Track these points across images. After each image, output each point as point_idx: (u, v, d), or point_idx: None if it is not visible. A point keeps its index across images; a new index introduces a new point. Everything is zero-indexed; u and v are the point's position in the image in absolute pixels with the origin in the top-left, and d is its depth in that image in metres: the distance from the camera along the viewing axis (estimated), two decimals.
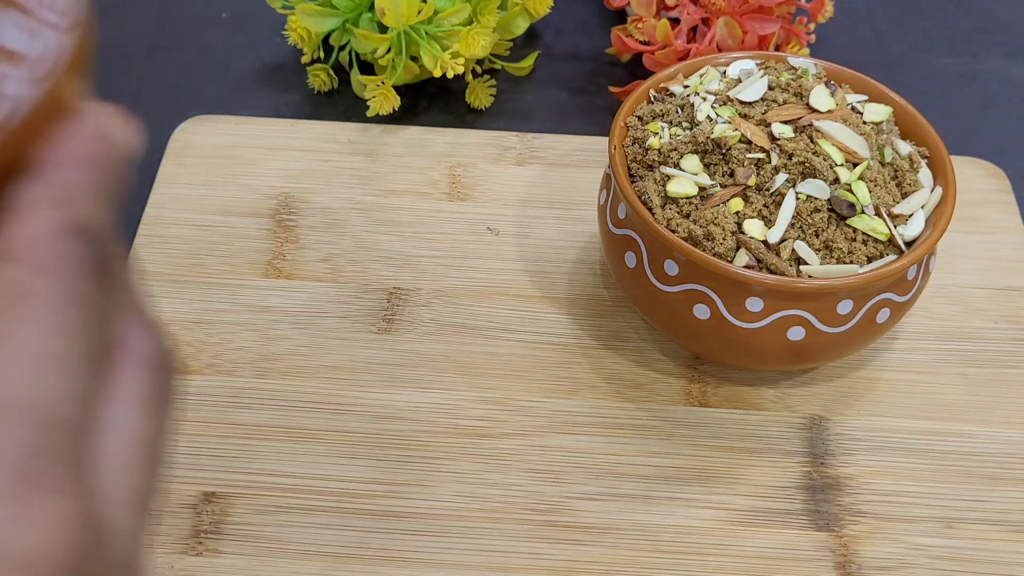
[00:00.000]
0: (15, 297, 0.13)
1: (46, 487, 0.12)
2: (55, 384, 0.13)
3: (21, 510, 0.12)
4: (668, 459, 0.35)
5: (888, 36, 0.52)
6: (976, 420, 0.36)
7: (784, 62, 0.37)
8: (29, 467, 0.12)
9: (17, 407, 0.12)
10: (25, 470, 0.12)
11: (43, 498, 0.12)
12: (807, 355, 0.34)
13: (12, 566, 0.11)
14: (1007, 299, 0.39)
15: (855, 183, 0.32)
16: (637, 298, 0.35)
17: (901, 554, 0.32)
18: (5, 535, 0.12)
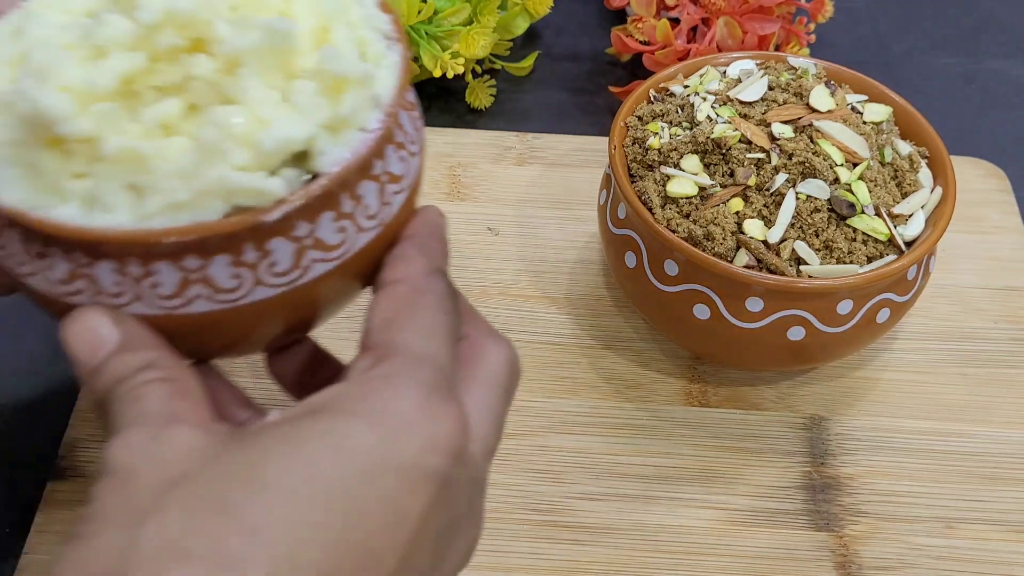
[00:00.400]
0: (414, 300, 0.22)
1: (446, 403, 0.21)
2: (438, 345, 0.22)
3: (438, 415, 0.20)
4: (668, 459, 0.35)
5: (888, 36, 0.52)
6: (976, 420, 0.36)
7: (784, 62, 0.37)
8: (434, 391, 0.20)
9: (426, 357, 0.21)
10: (432, 392, 0.20)
11: (445, 410, 0.20)
12: (807, 355, 0.34)
13: (432, 441, 0.20)
14: (1007, 299, 0.39)
15: (855, 183, 0.32)
16: (637, 298, 0.35)
17: (901, 554, 0.32)
18: (427, 425, 0.20)
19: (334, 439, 0.19)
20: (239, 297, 0.22)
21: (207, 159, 0.21)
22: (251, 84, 0.22)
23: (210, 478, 0.19)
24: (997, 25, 0.52)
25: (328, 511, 0.18)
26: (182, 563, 0.17)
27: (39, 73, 0.21)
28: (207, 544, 0.18)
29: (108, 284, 0.22)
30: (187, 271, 0.22)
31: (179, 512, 0.18)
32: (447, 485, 0.20)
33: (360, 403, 0.20)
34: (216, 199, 0.21)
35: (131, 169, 0.22)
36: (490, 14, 0.44)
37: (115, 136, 0.21)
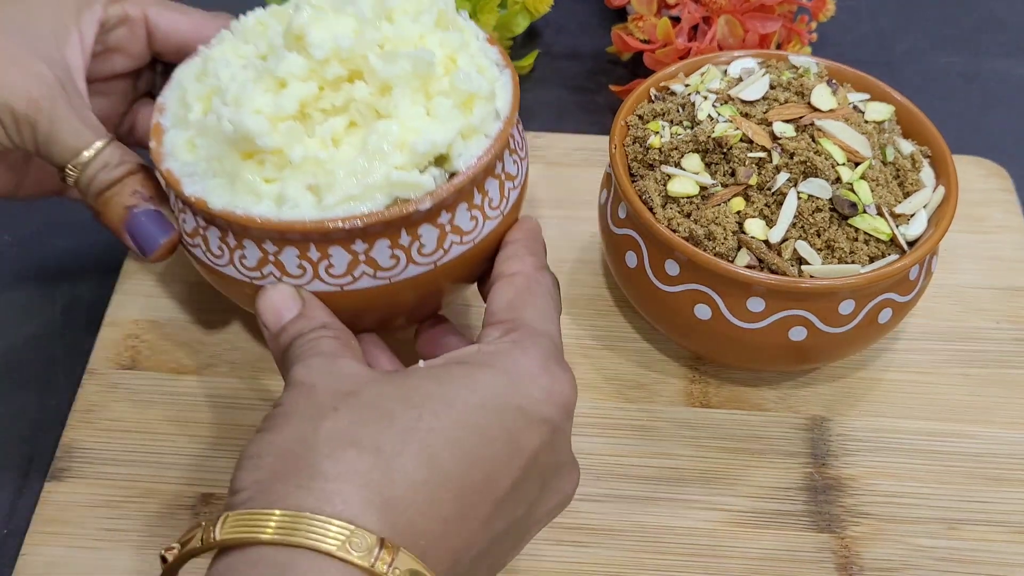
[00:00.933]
0: (529, 288, 0.28)
1: (561, 367, 0.26)
2: (551, 325, 0.27)
3: (556, 374, 0.26)
4: (670, 460, 0.34)
5: (890, 35, 0.52)
6: (978, 421, 0.36)
7: (785, 61, 0.36)
8: (551, 357, 0.26)
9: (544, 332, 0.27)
10: (550, 357, 0.26)
11: (561, 372, 0.26)
12: (809, 355, 0.33)
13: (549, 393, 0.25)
14: (1010, 299, 0.39)
15: (857, 182, 0.32)
16: (638, 298, 0.35)
17: (903, 555, 0.32)
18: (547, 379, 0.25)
19: (473, 381, 0.24)
20: (395, 274, 0.29)
21: (373, 161, 0.27)
22: (402, 102, 0.28)
23: (373, 394, 0.24)
24: (998, 24, 0.52)
25: (464, 431, 0.23)
26: (350, 448, 0.23)
27: (235, 101, 0.28)
28: (370, 437, 0.23)
29: (292, 267, 0.28)
30: (355, 253, 0.28)
31: (349, 414, 0.23)
32: (556, 431, 0.25)
33: (494, 358, 0.25)
34: (380, 193, 0.27)
35: (312, 173, 0.27)
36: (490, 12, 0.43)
37: (298, 147, 0.27)
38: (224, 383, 0.36)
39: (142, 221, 0.30)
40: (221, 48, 0.31)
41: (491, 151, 0.29)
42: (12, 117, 0.29)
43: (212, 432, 0.34)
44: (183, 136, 0.29)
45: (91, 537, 0.32)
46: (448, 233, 0.29)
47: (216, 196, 0.28)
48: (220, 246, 0.29)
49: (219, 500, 0.33)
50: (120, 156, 0.30)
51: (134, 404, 0.35)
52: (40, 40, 0.30)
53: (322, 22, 0.28)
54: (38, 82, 0.29)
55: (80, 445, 0.34)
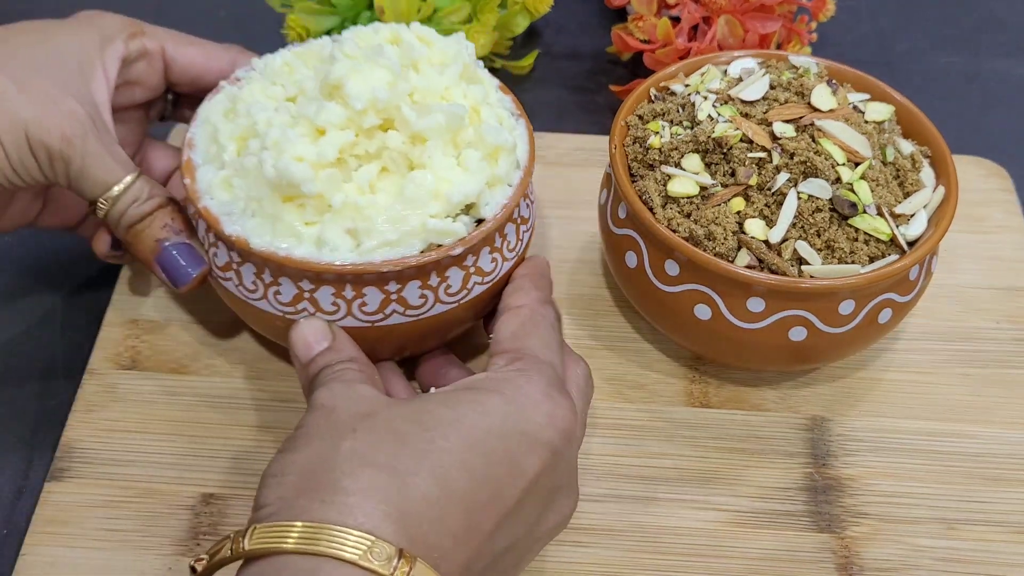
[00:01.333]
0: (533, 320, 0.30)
1: (563, 394, 0.28)
2: (553, 355, 0.29)
3: (557, 401, 0.27)
4: (669, 460, 0.34)
5: (890, 35, 0.51)
6: (978, 421, 0.36)
7: (785, 61, 0.36)
8: (553, 385, 0.28)
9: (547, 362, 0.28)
10: (552, 385, 0.27)
11: (562, 399, 0.27)
12: (809, 355, 0.33)
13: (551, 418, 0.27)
14: (1010, 299, 0.39)
15: (857, 183, 0.32)
16: (638, 298, 0.35)
17: (903, 555, 0.32)
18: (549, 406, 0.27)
19: (481, 406, 0.26)
20: (423, 312, 0.31)
21: (411, 209, 0.29)
22: (435, 153, 0.30)
23: (389, 417, 0.26)
24: (998, 24, 0.52)
25: (472, 453, 0.25)
26: (367, 467, 0.24)
27: (276, 147, 0.29)
28: (386, 458, 0.24)
29: (326, 304, 0.30)
30: (388, 293, 0.30)
31: (367, 435, 0.25)
32: (557, 455, 0.27)
33: (500, 385, 0.27)
34: (417, 239, 0.30)
35: (350, 217, 0.29)
36: (490, 12, 0.43)
37: (338, 193, 0.29)
38: (224, 383, 0.36)
39: (173, 255, 0.31)
40: (250, 88, 0.32)
41: (514, 199, 0.31)
42: (47, 154, 0.30)
43: (212, 432, 0.34)
44: (218, 175, 0.31)
45: (91, 537, 0.32)
46: (472, 275, 0.31)
47: (257, 236, 0.29)
48: (255, 281, 0.30)
49: (219, 500, 0.33)
50: (149, 190, 0.31)
51: (134, 404, 0.35)
52: (69, 76, 0.31)
53: (359, 74, 0.30)
54: (71, 119, 0.30)
55: (80, 445, 0.34)
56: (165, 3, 0.52)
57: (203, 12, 0.52)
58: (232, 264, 0.31)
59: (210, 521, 0.32)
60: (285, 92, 0.32)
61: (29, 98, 0.30)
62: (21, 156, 0.30)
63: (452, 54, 0.32)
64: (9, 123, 0.29)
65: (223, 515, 0.32)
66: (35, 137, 0.30)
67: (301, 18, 0.43)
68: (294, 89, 0.32)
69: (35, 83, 0.30)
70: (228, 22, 0.51)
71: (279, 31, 0.46)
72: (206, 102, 0.33)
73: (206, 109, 0.33)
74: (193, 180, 0.31)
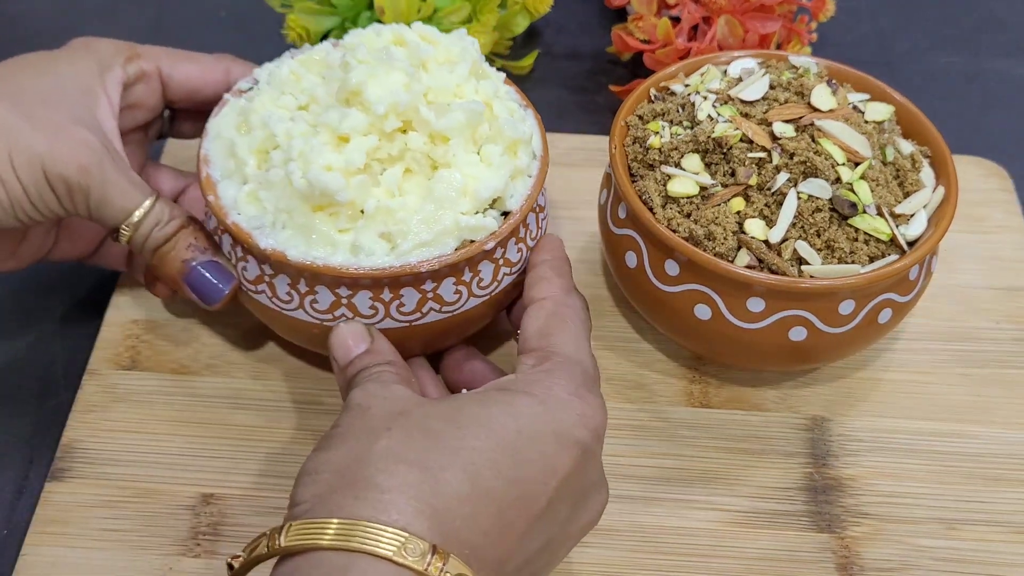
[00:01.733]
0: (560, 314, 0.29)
1: (593, 393, 0.28)
2: (582, 351, 0.29)
3: (588, 400, 0.27)
4: (670, 460, 0.34)
5: (890, 35, 0.51)
6: (978, 421, 0.36)
7: (785, 61, 0.36)
8: (583, 384, 0.28)
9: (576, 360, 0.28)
10: (582, 385, 0.28)
11: (592, 398, 0.28)
12: (809, 355, 0.33)
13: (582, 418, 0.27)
14: (1009, 299, 0.39)
15: (857, 182, 0.32)
16: (638, 298, 0.35)
17: (903, 555, 0.32)
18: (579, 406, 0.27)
19: (511, 407, 0.26)
20: (457, 308, 0.31)
21: (443, 208, 0.30)
22: (459, 151, 0.30)
23: (422, 415, 0.26)
24: (998, 24, 0.52)
25: (504, 453, 0.25)
26: (400, 464, 0.25)
27: (302, 157, 0.29)
28: (418, 455, 0.25)
29: (364, 308, 0.30)
30: (424, 292, 0.30)
31: (400, 433, 0.25)
32: (588, 454, 0.27)
33: (531, 386, 0.27)
34: (451, 237, 0.30)
35: (383, 221, 0.30)
36: (490, 12, 0.43)
37: (370, 199, 0.30)
38: (224, 383, 0.36)
39: (202, 273, 0.31)
40: (261, 100, 0.32)
41: (536, 189, 0.32)
42: (65, 186, 0.30)
43: (212, 432, 0.34)
44: (242, 189, 0.31)
45: (91, 537, 0.32)
46: (501, 266, 0.32)
47: (292, 248, 0.30)
48: (289, 292, 0.31)
49: (219, 500, 0.33)
50: (170, 211, 0.31)
51: (134, 404, 0.35)
52: (76, 106, 0.31)
53: (375, 78, 0.30)
54: (86, 149, 0.30)
55: (80, 445, 0.34)
56: (165, 4, 0.52)
57: (203, 12, 0.52)
58: (264, 277, 0.31)
59: (210, 521, 0.32)
60: (296, 101, 0.32)
61: (42, 132, 0.29)
62: (39, 191, 0.30)
63: (459, 51, 0.32)
64: (25, 159, 0.29)
65: (223, 515, 0.32)
66: (52, 170, 0.29)
67: (301, 18, 0.43)
68: (305, 98, 0.32)
69: (45, 116, 0.30)
70: (228, 22, 0.51)
71: (279, 31, 0.46)
72: (214, 117, 0.33)
73: (217, 124, 0.33)
74: (216, 196, 0.31)
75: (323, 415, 0.35)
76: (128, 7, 0.52)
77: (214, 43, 0.50)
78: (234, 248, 0.31)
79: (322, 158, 0.29)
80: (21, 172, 0.29)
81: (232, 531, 0.32)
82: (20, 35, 0.50)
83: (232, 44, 0.50)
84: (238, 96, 0.33)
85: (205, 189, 0.31)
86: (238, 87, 0.34)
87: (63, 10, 0.51)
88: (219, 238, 0.32)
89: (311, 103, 0.31)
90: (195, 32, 0.51)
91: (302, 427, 0.35)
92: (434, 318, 0.31)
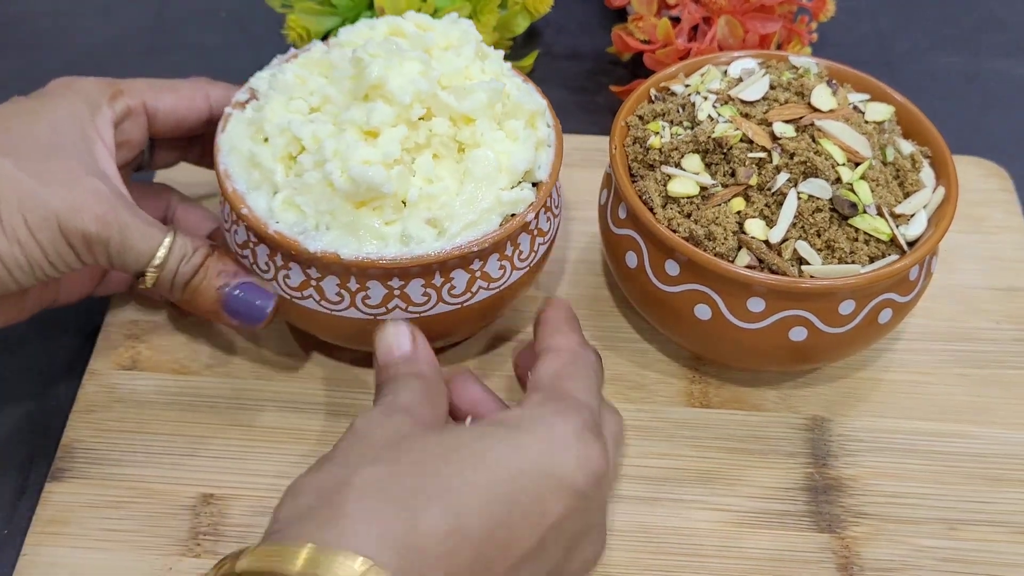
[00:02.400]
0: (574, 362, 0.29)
1: (597, 438, 0.27)
2: (592, 398, 0.28)
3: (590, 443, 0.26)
4: (670, 460, 0.34)
5: (890, 35, 0.51)
6: (978, 421, 0.36)
7: (785, 61, 0.36)
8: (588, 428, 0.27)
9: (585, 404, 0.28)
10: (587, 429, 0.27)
11: (595, 442, 0.27)
12: (809, 356, 0.33)
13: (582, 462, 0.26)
14: (1009, 299, 0.39)
15: (857, 183, 0.32)
16: (638, 298, 0.35)
17: (904, 556, 0.32)
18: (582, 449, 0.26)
19: (511, 444, 0.26)
20: (503, 284, 0.32)
21: (483, 187, 0.30)
22: (485, 129, 0.31)
23: (416, 448, 0.26)
24: (998, 24, 0.52)
25: (495, 490, 0.25)
26: (378, 498, 0.24)
27: (338, 156, 0.29)
28: (400, 491, 0.24)
29: (417, 296, 0.31)
30: (472, 272, 0.31)
31: (388, 465, 0.25)
32: (585, 499, 0.26)
33: (534, 424, 0.26)
34: (494, 214, 0.31)
35: (427, 207, 0.30)
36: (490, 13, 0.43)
37: (412, 188, 0.30)
38: (224, 383, 0.36)
39: (240, 297, 0.31)
40: (271, 108, 0.32)
41: (558, 157, 0.33)
42: (84, 240, 0.29)
43: (212, 432, 0.34)
44: (276, 198, 0.30)
45: (92, 538, 0.32)
46: (536, 237, 0.33)
47: (344, 247, 0.29)
48: (339, 292, 0.30)
49: (219, 500, 0.33)
50: (191, 243, 0.31)
51: (134, 404, 0.35)
52: (78, 154, 0.30)
53: (393, 69, 0.30)
54: (99, 199, 0.29)
55: (80, 445, 0.34)
56: (166, 4, 0.52)
57: (203, 12, 0.52)
58: (311, 281, 0.30)
59: (210, 521, 0.32)
60: (308, 103, 0.32)
61: (52, 186, 0.28)
62: (57, 248, 0.29)
63: (459, 35, 0.33)
64: (40, 218, 0.28)
65: (223, 515, 0.32)
66: (69, 226, 0.28)
67: (301, 18, 0.43)
68: (316, 99, 0.31)
69: (51, 168, 0.29)
70: (229, 22, 0.51)
71: (279, 31, 0.46)
72: (222, 132, 0.32)
73: (228, 138, 0.32)
74: (250, 208, 0.30)
75: (324, 415, 0.35)
76: (128, 7, 0.52)
77: (214, 43, 0.50)
78: (273, 258, 0.31)
79: (358, 154, 0.29)
80: (37, 232, 0.28)
81: (232, 531, 0.32)
82: (20, 35, 0.50)
83: (232, 44, 0.50)
84: (241, 109, 0.33)
85: (234, 203, 0.30)
86: (236, 99, 0.33)
87: (63, 10, 0.51)
88: (251, 252, 0.31)
89: (324, 104, 0.31)
90: (195, 32, 0.51)
91: (302, 427, 0.35)
92: (482, 296, 0.32)
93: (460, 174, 0.31)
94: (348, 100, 0.31)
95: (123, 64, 0.48)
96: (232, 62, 0.48)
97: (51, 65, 0.48)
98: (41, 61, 0.48)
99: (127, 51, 0.49)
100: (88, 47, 0.49)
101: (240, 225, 0.31)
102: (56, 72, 0.33)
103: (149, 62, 0.49)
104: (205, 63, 0.49)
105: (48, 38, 0.50)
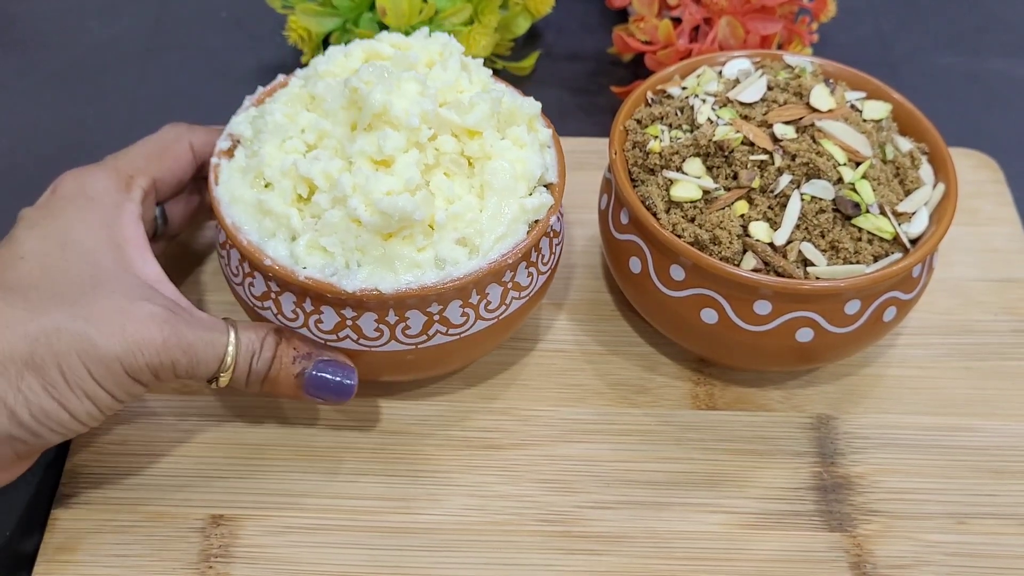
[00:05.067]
0: None
1: None
2: None
3: None
4: (677, 464, 0.34)
5: (891, 35, 0.51)
6: (981, 414, 0.36)
7: (780, 60, 0.36)
8: None
9: None
10: None
11: None
12: (815, 356, 0.33)
13: None
14: (1006, 291, 0.40)
15: (859, 182, 0.32)
16: (642, 303, 0.35)
17: (915, 551, 0.32)
18: None
19: None
20: (531, 292, 0.32)
21: (506, 199, 0.30)
22: (492, 140, 0.31)
23: None
24: (1000, 24, 0.52)
25: None
26: None
27: (359, 191, 0.29)
28: None
29: (456, 318, 0.30)
30: (505, 284, 0.31)
31: None
32: None
33: None
34: (520, 223, 0.30)
35: (455, 227, 0.30)
36: (491, 14, 0.43)
37: (438, 211, 0.29)
38: (229, 402, 0.35)
39: (320, 377, 0.30)
40: (267, 151, 0.30)
41: (561, 155, 0.33)
42: (151, 371, 0.28)
43: (219, 452, 0.34)
44: (298, 244, 0.29)
45: (101, 564, 0.31)
46: (553, 239, 0.33)
47: (382, 282, 0.29)
48: (378, 328, 0.30)
49: (229, 521, 0.32)
50: (257, 335, 0.29)
51: (138, 425, 0.35)
52: (120, 278, 0.29)
53: (394, 94, 0.29)
54: (154, 324, 0.28)
55: (85, 470, 0.33)
56: (166, 4, 0.51)
57: (204, 12, 0.51)
58: (347, 321, 0.30)
59: (220, 543, 0.32)
60: (306, 140, 0.31)
61: (106, 329, 0.27)
62: (126, 389, 0.28)
63: (440, 48, 0.32)
64: (104, 368, 0.27)
65: (234, 536, 0.32)
66: (134, 366, 0.27)
67: (302, 19, 0.43)
68: (311, 136, 0.31)
69: (100, 308, 0.27)
70: (229, 23, 0.50)
71: (280, 32, 0.45)
72: (217, 186, 0.31)
73: (226, 191, 0.31)
74: (273, 259, 0.29)
75: (330, 432, 0.35)
76: (128, 7, 0.51)
77: (214, 43, 0.49)
78: (301, 305, 0.30)
79: (379, 185, 0.28)
80: (104, 381, 0.27)
81: (244, 552, 0.32)
82: (20, 35, 0.49)
83: (232, 44, 0.49)
84: (228, 157, 0.32)
85: (253, 256, 0.29)
86: (220, 148, 0.32)
87: (63, 10, 0.51)
88: (273, 303, 0.30)
89: (321, 139, 0.30)
90: (195, 32, 0.50)
91: (310, 444, 0.35)
92: (515, 307, 0.31)
93: (478, 189, 0.30)
94: (347, 132, 0.30)
95: (124, 63, 0.48)
96: (232, 62, 0.48)
97: (51, 65, 0.47)
98: (41, 61, 0.48)
99: (127, 51, 0.49)
100: (88, 47, 0.48)
101: (256, 277, 0.30)
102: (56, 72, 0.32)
103: (150, 62, 0.48)
104: (205, 63, 0.48)
105: (48, 38, 0.49)
